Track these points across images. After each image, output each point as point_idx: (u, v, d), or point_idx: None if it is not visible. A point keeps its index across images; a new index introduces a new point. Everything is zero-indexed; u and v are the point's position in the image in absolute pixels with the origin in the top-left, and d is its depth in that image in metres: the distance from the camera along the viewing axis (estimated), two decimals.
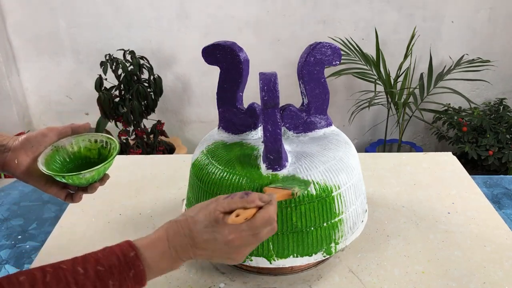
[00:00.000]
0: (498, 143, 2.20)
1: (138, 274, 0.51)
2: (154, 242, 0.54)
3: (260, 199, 0.55)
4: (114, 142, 0.67)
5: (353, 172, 0.73)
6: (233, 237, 0.53)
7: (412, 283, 0.73)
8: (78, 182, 0.63)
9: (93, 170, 0.62)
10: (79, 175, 0.61)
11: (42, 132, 0.66)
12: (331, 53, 0.74)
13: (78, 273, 0.49)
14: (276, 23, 2.29)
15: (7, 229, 0.95)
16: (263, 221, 0.54)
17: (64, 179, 0.61)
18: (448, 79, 2.20)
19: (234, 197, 0.55)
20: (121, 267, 0.51)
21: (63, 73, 2.39)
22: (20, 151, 0.63)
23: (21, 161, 0.63)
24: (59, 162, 0.66)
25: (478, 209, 0.92)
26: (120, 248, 0.52)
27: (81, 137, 0.68)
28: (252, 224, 0.53)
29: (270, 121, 0.65)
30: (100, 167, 0.62)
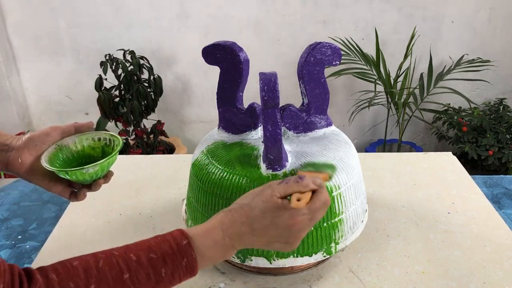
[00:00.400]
0: (498, 143, 2.20)
1: (191, 262, 0.51)
2: (207, 231, 0.54)
3: (314, 183, 0.56)
4: (117, 139, 0.67)
5: (353, 172, 0.73)
6: (294, 222, 0.53)
7: (412, 283, 0.73)
8: (82, 178, 0.63)
9: (96, 164, 0.62)
10: (82, 170, 0.61)
11: (45, 131, 0.66)
12: (331, 53, 0.74)
13: (131, 259, 0.49)
14: (276, 23, 2.29)
15: (7, 229, 0.95)
16: (321, 204, 0.55)
17: (68, 175, 0.61)
18: (448, 79, 2.20)
19: (289, 182, 0.55)
20: (174, 255, 0.50)
21: (63, 73, 2.39)
22: (24, 150, 0.63)
23: (25, 160, 0.63)
24: (62, 161, 0.66)
25: (478, 209, 0.92)
26: (173, 236, 0.52)
27: (84, 135, 0.69)
28: (312, 208, 0.54)
29: (270, 121, 0.65)
30: (103, 162, 0.62)
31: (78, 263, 0.48)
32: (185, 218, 0.81)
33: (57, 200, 1.04)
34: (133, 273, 0.48)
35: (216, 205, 0.69)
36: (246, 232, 0.54)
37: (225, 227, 0.54)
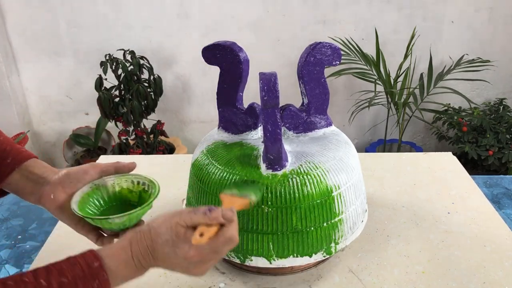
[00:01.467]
0: (498, 143, 2.20)
1: (103, 283, 0.51)
2: (117, 251, 0.53)
3: (223, 216, 0.54)
4: (155, 187, 0.64)
5: (353, 172, 0.73)
6: (193, 254, 0.52)
7: (412, 283, 0.73)
8: (108, 227, 0.60)
9: (123, 215, 0.58)
10: (108, 219, 0.58)
11: (84, 168, 0.64)
12: (331, 53, 0.74)
13: (41, 285, 0.48)
14: (276, 23, 2.29)
15: (7, 229, 0.95)
16: (225, 241, 0.53)
17: (93, 221, 0.59)
18: (448, 79, 2.20)
19: (197, 212, 0.54)
20: (85, 278, 0.50)
21: (63, 73, 2.39)
22: (58, 186, 0.61)
23: (57, 196, 0.61)
24: (96, 201, 0.63)
25: (478, 209, 0.92)
26: (84, 258, 0.51)
27: (124, 177, 0.65)
28: (214, 244, 0.53)
29: (270, 121, 0.65)
30: (132, 213, 0.59)
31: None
32: None
33: None
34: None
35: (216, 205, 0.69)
36: (149, 255, 0.54)
37: (133, 248, 0.54)
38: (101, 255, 0.52)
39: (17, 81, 2.40)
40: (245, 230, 0.68)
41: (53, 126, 2.57)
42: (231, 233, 0.54)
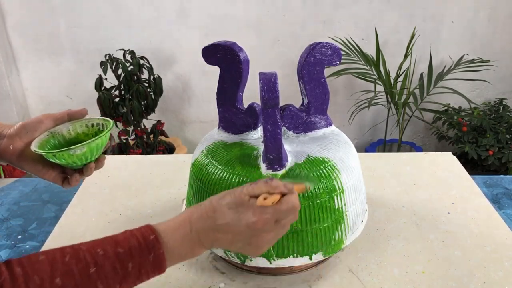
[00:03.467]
0: (498, 143, 2.20)
1: (158, 257, 0.51)
2: (175, 226, 0.53)
3: (284, 186, 0.55)
4: (109, 123, 0.65)
5: (353, 172, 0.73)
6: (256, 220, 0.52)
7: (412, 283, 0.73)
8: (71, 161, 0.61)
9: (83, 145, 0.59)
10: (69, 151, 0.59)
11: (38, 118, 0.64)
12: (331, 53, 0.74)
13: (98, 254, 0.48)
14: (276, 23, 2.29)
15: (7, 229, 0.95)
16: (288, 207, 0.53)
17: (56, 158, 0.59)
18: (448, 79, 2.20)
19: (258, 183, 0.55)
20: (140, 250, 0.50)
21: (63, 73, 2.39)
22: (15, 137, 0.62)
23: (16, 146, 0.62)
24: (54, 147, 0.64)
25: (478, 209, 0.92)
26: (141, 231, 0.51)
27: (78, 122, 0.67)
28: (278, 209, 0.53)
29: (270, 121, 0.65)
30: (91, 142, 0.60)
31: (44, 257, 0.47)
32: None
33: (57, 200, 1.04)
34: (99, 267, 0.48)
35: None
36: (210, 227, 0.53)
37: (193, 220, 0.53)
38: (158, 229, 0.52)
39: (17, 81, 2.40)
40: None
41: None
42: (295, 201, 0.54)
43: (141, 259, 0.50)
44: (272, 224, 0.53)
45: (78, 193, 1.02)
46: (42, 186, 1.10)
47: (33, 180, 1.13)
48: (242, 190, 0.54)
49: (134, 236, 0.51)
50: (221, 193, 0.56)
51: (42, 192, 1.07)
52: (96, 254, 0.48)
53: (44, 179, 0.65)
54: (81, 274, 0.47)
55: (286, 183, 0.56)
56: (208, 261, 0.79)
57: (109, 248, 0.49)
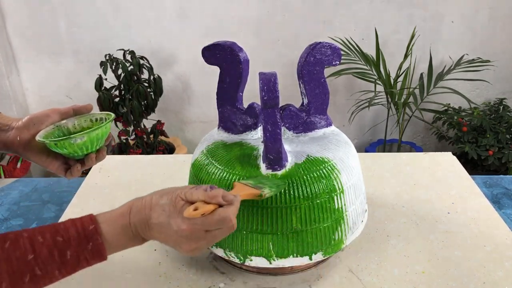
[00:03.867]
0: (498, 143, 2.20)
1: (97, 247, 0.53)
2: (116, 216, 0.55)
3: (223, 197, 0.55)
4: (110, 116, 0.68)
5: (353, 172, 0.73)
6: (185, 228, 0.53)
7: (412, 283, 0.73)
8: (72, 151, 0.63)
9: (83, 134, 0.62)
10: (70, 140, 0.61)
11: (45, 112, 0.68)
12: (331, 53, 0.74)
13: (37, 241, 0.50)
14: (276, 23, 2.29)
15: (7, 229, 0.95)
16: (218, 220, 0.53)
17: (58, 147, 0.62)
18: (448, 79, 2.20)
19: (199, 189, 0.55)
20: (79, 239, 0.52)
21: (63, 73, 2.39)
22: (23, 129, 0.65)
23: (23, 137, 0.65)
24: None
25: (478, 209, 0.92)
26: (81, 221, 0.53)
27: (82, 117, 0.70)
28: (206, 221, 0.53)
29: (270, 121, 0.65)
30: (90, 131, 0.63)
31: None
32: None
33: (57, 200, 1.04)
34: (37, 254, 0.50)
35: None
36: (145, 224, 0.55)
37: (132, 213, 0.55)
38: (98, 219, 0.54)
39: (17, 81, 2.40)
40: (245, 230, 0.68)
41: None
42: (226, 214, 0.53)
43: (79, 248, 0.52)
44: (202, 233, 0.54)
45: (78, 193, 1.02)
46: (42, 186, 1.10)
47: (33, 180, 1.13)
48: (180, 193, 0.55)
49: (74, 226, 0.53)
50: (165, 190, 0.57)
51: (42, 192, 1.07)
52: (36, 241, 0.50)
53: (48, 170, 0.68)
54: (19, 261, 0.49)
55: (227, 194, 0.55)
56: (208, 261, 0.79)
57: (48, 236, 0.51)
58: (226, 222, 0.53)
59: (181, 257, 0.80)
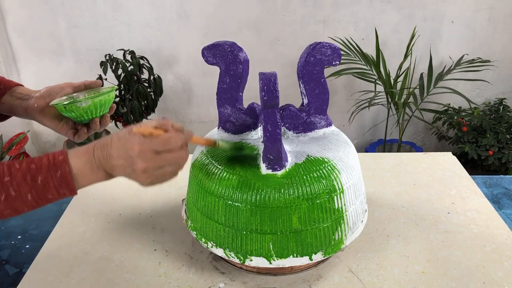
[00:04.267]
0: (498, 143, 2.20)
1: (64, 175, 0.59)
2: (83, 151, 0.62)
3: (173, 125, 0.62)
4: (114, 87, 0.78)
5: (353, 172, 0.73)
6: (136, 147, 0.59)
7: (412, 283, 0.73)
8: (79, 114, 0.73)
9: (87, 98, 0.72)
10: (76, 103, 0.71)
11: (60, 85, 0.79)
12: (331, 53, 0.74)
13: (14, 167, 0.59)
14: (276, 23, 2.29)
15: (7, 229, 0.95)
16: (164, 141, 0.60)
17: (66, 110, 0.72)
18: (448, 79, 2.20)
19: (152, 121, 0.62)
20: (49, 167, 0.59)
21: (63, 73, 2.39)
22: (40, 98, 0.76)
23: (40, 105, 0.76)
24: None
25: (478, 209, 0.92)
26: (53, 153, 0.61)
27: (92, 91, 0.80)
28: (154, 140, 0.60)
29: (270, 121, 0.65)
30: (94, 97, 0.72)
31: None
32: (185, 218, 0.81)
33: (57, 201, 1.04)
34: (13, 177, 0.58)
35: (216, 205, 0.70)
36: (106, 153, 0.61)
37: (96, 148, 0.62)
38: (67, 152, 0.61)
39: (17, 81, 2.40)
40: (245, 230, 0.68)
41: None
42: (172, 136, 0.61)
43: (49, 174, 0.59)
44: (151, 153, 0.60)
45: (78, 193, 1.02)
46: None
47: None
48: (135, 126, 0.62)
49: (47, 156, 0.60)
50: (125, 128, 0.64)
51: None
52: (13, 167, 0.59)
53: (60, 133, 0.79)
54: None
55: (177, 124, 0.63)
56: (208, 261, 0.79)
57: (24, 164, 0.59)
58: (170, 143, 0.60)
59: (181, 257, 0.80)
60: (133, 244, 0.84)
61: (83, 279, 0.76)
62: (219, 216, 0.69)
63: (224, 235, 0.70)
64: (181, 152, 0.62)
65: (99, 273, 0.77)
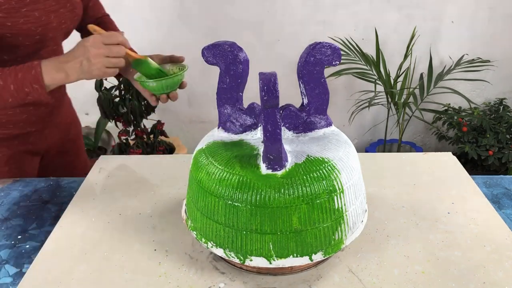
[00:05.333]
0: (498, 143, 2.20)
1: (36, 73, 0.83)
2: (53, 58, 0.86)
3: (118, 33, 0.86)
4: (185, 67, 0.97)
5: (353, 172, 0.73)
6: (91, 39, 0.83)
7: (412, 283, 0.73)
8: (152, 89, 0.92)
9: (154, 81, 0.90)
10: (147, 83, 0.91)
11: (151, 55, 0.97)
12: (331, 53, 0.74)
13: (3, 71, 0.84)
14: (276, 23, 2.29)
15: (7, 229, 0.95)
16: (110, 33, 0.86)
17: (143, 84, 0.93)
18: (448, 79, 2.21)
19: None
20: (27, 67, 0.84)
21: None
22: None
23: (133, 73, 1.00)
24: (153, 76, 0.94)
25: (478, 209, 0.92)
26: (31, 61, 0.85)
27: (175, 65, 1.00)
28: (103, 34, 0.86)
29: (270, 121, 0.65)
30: (161, 80, 0.90)
31: None
32: (185, 218, 0.81)
33: (57, 200, 1.04)
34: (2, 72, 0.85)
35: (216, 205, 0.70)
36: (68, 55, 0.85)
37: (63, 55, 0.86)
38: (42, 60, 0.85)
39: None
40: (245, 230, 0.68)
41: None
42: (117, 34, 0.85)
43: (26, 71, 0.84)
44: (100, 43, 0.83)
45: (78, 193, 1.02)
46: (42, 186, 1.10)
47: (33, 180, 1.13)
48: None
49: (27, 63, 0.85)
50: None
51: (42, 192, 1.07)
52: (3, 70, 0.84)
53: (144, 96, 1.00)
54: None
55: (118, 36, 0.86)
56: (208, 261, 0.79)
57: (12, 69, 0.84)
58: (116, 35, 0.85)
59: (181, 257, 0.80)
60: (133, 244, 0.84)
61: (83, 279, 0.76)
62: (219, 216, 0.70)
63: (224, 235, 0.70)
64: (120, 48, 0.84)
65: (99, 273, 0.77)
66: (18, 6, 0.92)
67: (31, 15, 0.94)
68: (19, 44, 0.96)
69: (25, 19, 0.93)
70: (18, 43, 0.96)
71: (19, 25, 0.93)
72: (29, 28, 0.95)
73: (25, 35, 0.96)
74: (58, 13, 1.01)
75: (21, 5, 0.92)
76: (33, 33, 0.96)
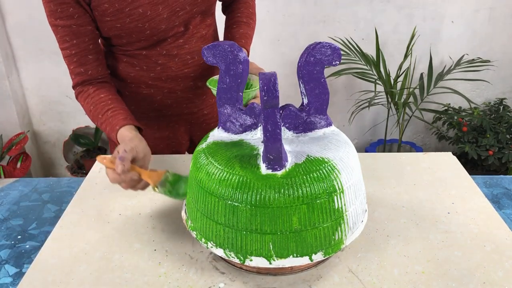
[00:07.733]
0: (498, 143, 2.20)
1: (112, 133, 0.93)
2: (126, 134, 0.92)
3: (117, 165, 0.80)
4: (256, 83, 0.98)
5: (353, 172, 0.73)
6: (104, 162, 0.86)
7: (412, 283, 0.73)
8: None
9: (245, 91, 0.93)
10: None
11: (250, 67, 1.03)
12: (331, 53, 0.74)
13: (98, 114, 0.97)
14: (276, 23, 2.29)
15: (7, 229, 0.95)
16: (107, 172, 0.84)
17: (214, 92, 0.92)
18: (448, 79, 2.21)
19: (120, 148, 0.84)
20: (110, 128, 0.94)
21: (63, 73, 2.39)
22: None
23: None
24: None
25: (478, 209, 0.92)
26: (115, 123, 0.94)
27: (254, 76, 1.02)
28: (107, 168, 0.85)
29: (270, 121, 0.65)
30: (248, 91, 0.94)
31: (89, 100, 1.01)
32: (185, 218, 0.81)
33: (57, 200, 1.04)
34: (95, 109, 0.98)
35: (216, 206, 0.70)
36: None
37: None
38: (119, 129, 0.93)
39: (17, 81, 2.40)
40: (245, 230, 0.68)
41: (53, 126, 2.57)
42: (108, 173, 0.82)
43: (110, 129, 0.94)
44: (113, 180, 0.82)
45: (78, 193, 1.02)
46: (42, 186, 1.10)
47: (33, 180, 1.13)
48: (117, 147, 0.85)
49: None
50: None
51: (42, 192, 1.08)
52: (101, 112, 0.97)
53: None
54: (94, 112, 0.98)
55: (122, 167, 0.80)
56: (208, 261, 0.79)
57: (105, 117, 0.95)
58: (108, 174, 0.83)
59: (181, 257, 0.80)
60: (133, 244, 0.84)
61: (83, 279, 0.76)
62: (219, 216, 0.69)
63: (224, 235, 0.70)
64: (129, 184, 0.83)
65: (99, 273, 0.77)
66: (121, 7, 0.92)
67: (135, 13, 0.94)
68: (134, 41, 1.00)
69: (130, 18, 0.94)
70: (134, 40, 0.98)
71: (127, 24, 0.94)
72: (137, 26, 0.95)
73: (137, 32, 0.96)
74: (168, 3, 0.96)
75: (124, 5, 0.92)
76: (142, 29, 0.96)
